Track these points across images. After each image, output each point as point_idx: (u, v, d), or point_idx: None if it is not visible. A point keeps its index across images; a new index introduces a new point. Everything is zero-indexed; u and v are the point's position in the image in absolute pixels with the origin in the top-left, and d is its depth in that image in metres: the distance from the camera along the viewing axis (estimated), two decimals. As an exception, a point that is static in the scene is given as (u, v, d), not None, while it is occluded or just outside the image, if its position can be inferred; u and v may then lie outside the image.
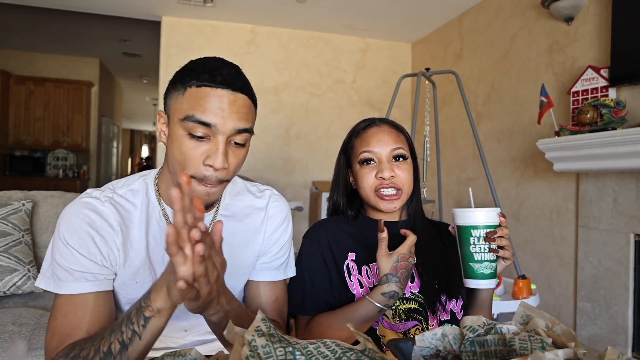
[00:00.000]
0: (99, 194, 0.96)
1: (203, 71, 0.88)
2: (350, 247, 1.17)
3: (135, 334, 0.75)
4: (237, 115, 0.88)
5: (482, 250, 0.98)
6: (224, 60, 0.94)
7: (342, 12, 4.42)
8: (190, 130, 0.86)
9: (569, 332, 0.65)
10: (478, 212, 0.99)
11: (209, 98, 0.86)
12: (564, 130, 2.70)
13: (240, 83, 0.91)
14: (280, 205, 1.13)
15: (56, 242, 0.91)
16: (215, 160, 0.86)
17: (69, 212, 0.94)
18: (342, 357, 0.63)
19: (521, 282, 2.37)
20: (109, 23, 5.29)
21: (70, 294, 0.88)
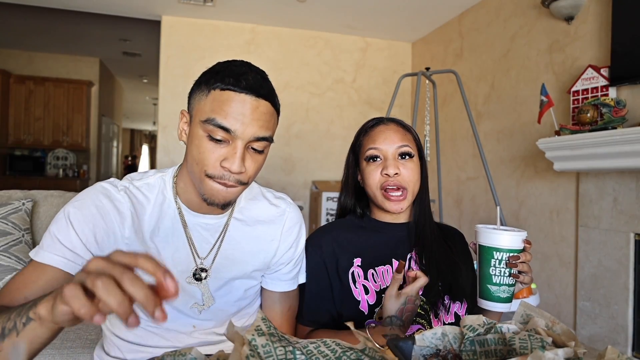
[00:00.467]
0: (117, 182, 0.99)
1: (229, 75, 0.88)
2: (356, 252, 1.16)
3: (14, 328, 0.67)
4: (258, 123, 0.89)
5: (502, 274, 0.95)
6: (250, 65, 0.94)
7: (342, 12, 4.42)
8: (210, 133, 0.87)
9: (569, 331, 0.65)
10: (504, 234, 0.96)
11: (232, 103, 0.87)
12: (564, 129, 2.69)
13: (265, 90, 0.91)
14: (296, 216, 1.13)
15: (59, 215, 0.93)
16: (232, 164, 0.87)
17: (83, 192, 0.96)
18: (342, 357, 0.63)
19: (521, 281, 2.37)
20: (109, 22, 5.29)
21: (43, 262, 0.87)
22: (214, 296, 1.04)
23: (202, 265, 1.02)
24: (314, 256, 1.16)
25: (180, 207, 1.00)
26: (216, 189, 0.90)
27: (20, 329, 0.66)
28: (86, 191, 0.96)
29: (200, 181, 0.91)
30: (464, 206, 4.22)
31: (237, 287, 1.07)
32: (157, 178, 1.02)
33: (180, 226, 1.00)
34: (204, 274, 1.02)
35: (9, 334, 0.67)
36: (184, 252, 1.00)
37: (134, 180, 1.01)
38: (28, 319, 0.65)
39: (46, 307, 0.59)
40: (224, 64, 0.93)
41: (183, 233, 1.00)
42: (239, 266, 1.05)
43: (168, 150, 4.66)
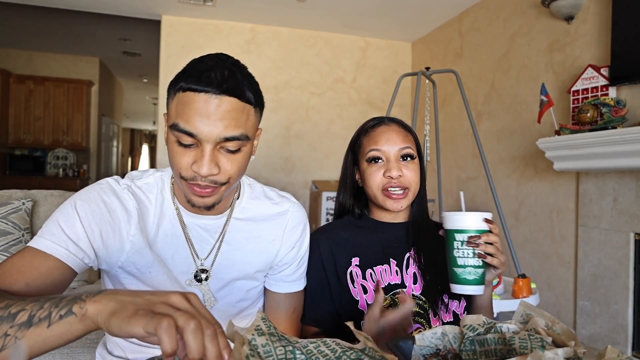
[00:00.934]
0: (120, 180, 0.98)
1: (192, 73, 0.84)
2: (354, 252, 1.16)
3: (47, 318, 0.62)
4: (223, 122, 0.83)
5: (465, 255, 0.96)
6: (222, 57, 0.88)
7: (342, 12, 4.42)
8: (178, 138, 0.84)
9: (569, 331, 0.65)
10: (462, 215, 0.97)
11: (192, 104, 0.82)
12: (564, 129, 2.69)
13: (231, 84, 0.83)
14: (300, 215, 1.11)
15: (65, 205, 0.90)
16: (201, 167, 0.83)
17: (90, 187, 0.95)
18: (342, 356, 0.63)
19: (521, 281, 2.37)
20: (109, 22, 5.28)
21: (44, 251, 0.84)
22: (215, 297, 1.03)
23: (203, 266, 1.01)
24: (312, 257, 1.16)
25: (179, 207, 0.99)
26: (193, 192, 0.88)
27: (55, 321, 0.62)
28: (93, 186, 0.95)
29: (180, 184, 0.90)
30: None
31: (238, 288, 1.06)
32: (157, 178, 1.01)
33: (180, 227, 0.99)
34: (205, 275, 1.01)
35: (39, 323, 0.62)
36: (184, 253, 0.99)
37: (135, 180, 0.99)
38: (69, 312, 0.62)
39: (99, 309, 0.59)
40: (195, 61, 0.88)
41: (182, 234, 0.99)
42: (240, 267, 1.04)
43: (168, 149, 4.66)
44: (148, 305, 0.57)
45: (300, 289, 1.13)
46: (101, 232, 0.90)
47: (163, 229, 0.97)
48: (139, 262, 0.95)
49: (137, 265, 0.95)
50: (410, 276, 1.14)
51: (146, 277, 0.96)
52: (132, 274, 0.96)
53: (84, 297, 0.62)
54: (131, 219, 0.94)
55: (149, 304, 0.57)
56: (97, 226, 0.89)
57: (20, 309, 0.63)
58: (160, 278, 0.97)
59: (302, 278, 1.13)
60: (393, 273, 1.14)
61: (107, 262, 0.93)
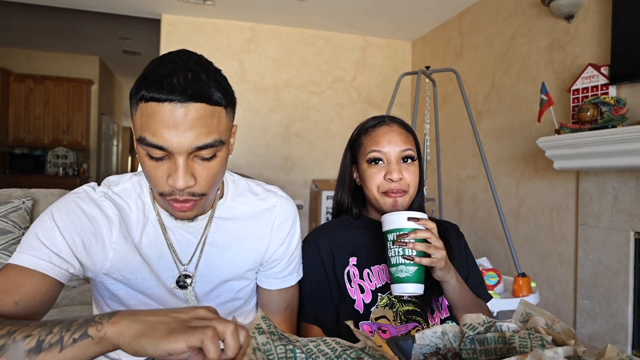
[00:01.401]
0: (97, 187, 0.95)
1: (152, 80, 0.78)
2: (351, 252, 1.16)
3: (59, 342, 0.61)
4: (193, 132, 0.77)
5: (396, 254, 0.96)
6: (183, 57, 0.82)
7: (342, 10, 4.42)
8: (148, 152, 0.80)
9: (569, 330, 0.65)
10: (388, 216, 0.99)
11: (157, 116, 0.76)
12: (564, 128, 2.69)
13: (195, 88, 0.77)
14: (288, 210, 1.07)
15: (42, 218, 0.87)
16: (176, 181, 0.79)
17: (66, 196, 0.91)
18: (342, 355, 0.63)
19: (521, 280, 2.37)
20: (109, 21, 5.28)
21: (26, 267, 0.81)
22: (201, 301, 1.01)
23: (186, 271, 0.98)
24: (312, 255, 1.16)
25: (159, 212, 0.96)
26: (172, 208, 0.85)
27: (68, 345, 0.60)
28: (69, 196, 0.91)
29: (159, 199, 0.88)
30: (464, 205, 4.22)
31: (229, 289, 1.04)
32: (134, 182, 0.97)
33: (161, 232, 0.96)
34: (189, 280, 0.98)
35: (49, 348, 0.60)
36: (167, 257, 0.97)
37: (112, 186, 0.96)
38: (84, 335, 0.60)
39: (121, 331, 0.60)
40: (154, 63, 0.82)
41: (164, 239, 0.96)
42: (229, 268, 1.02)
43: (168, 148, 4.65)
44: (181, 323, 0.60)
45: (292, 284, 1.10)
46: (83, 240, 0.87)
47: (146, 234, 0.95)
48: (124, 269, 0.92)
49: (122, 272, 0.93)
50: None
51: (132, 283, 0.95)
52: (119, 280, 0.94)
53: (99, 320, 0.62)
54: (112, 226, 0.91)
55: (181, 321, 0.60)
56: (78, 235, 0.86)
57: (27, 335, 0.62)
58: (147, 284, 0.96)
59: (294, 273, 1.11)
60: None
61: (91, 270, 0.91)
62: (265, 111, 4.83)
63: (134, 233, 0.94)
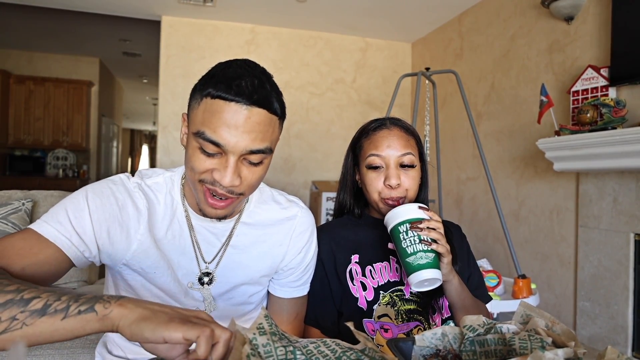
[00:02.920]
0: (129, 177, 0.96)
1: (221, 80, 0.81)
2: (353, 249, 1.16)
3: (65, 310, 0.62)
4: (250, 135, 0.82)
5: (413, 242, 0.97)
6: (250, 65, 0.87)
7: (342, 12, 4.42)
8: (202, 146, 0.82)
9: (569, 331, 0.65)
10: (398, 208, 1.01)
11: (221, 114, 0.80)
12: (563, 129, 2.69)
13: (260, 95, 0.82)
14: (307, 221, 1.10)
15: (76, 195, 0.88)
16: (223, 177, 0.83)
17: (102, 182, 0.93)
18: (342, 357, 0.63)
19: (521, 281, 2.37)
20: (109, 23, 5.28)
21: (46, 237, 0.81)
22: (216, 301, 1.03)
23: (207, 269, 1.00)
24: None
25: (187, 210, 0.98)
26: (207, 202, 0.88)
27: (72, 314, 0.62)
28: (105, 181, 0.93)
29: (194, 188, 0.89)
30: (464, 206, 4.22)
31: (242, 293, 1.05)
32: (166, 178, 0.99)
33: (187, 229, 0.98)
34: (207, 279, 1.00)
35: (54, 313, 0.62)
36: (189, 255, 0.98)
37: (145, 178, 0.98)
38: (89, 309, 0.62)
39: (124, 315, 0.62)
40: (222, 65, 0.86)
41: (189, 236, 0.98)
42: (245, 271, 1.03)
43: (168, 150, 4.66)
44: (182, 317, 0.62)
45: (304, 295, 1.12)
46: (109, 228, 0.88)
47: (172, 230, 0.96)
48: (145, 261, 0.94)
49: (142, 265, 0.94)
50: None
51: (150, 276, 0.96)
52: (137, 272, 0.95)
53: (107, 299, 0.64)
54: (141, 218, 0.93)
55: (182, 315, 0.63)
56: (105, 222, 0.88)
57: (35, 296, 0.63)
58: (164, 279, 0.97)
59: (307, 284, 1.12)
60: (393, 270, 1.14)
61: (111, 258, 0.92)
62: (265, 113, 4.82)
63: (158, 227, 0.95)
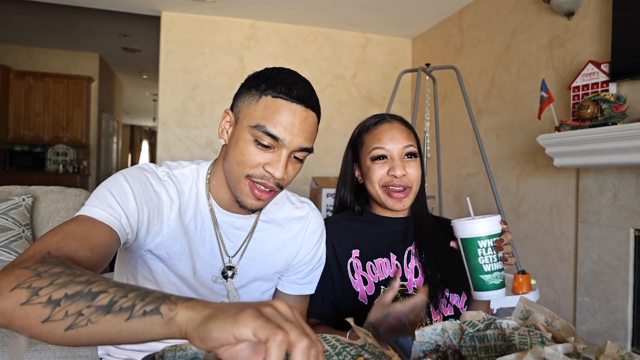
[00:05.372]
0: (157, 167, 0.99)
1: (280, 82, 0.90)
2: (354, 244, 1.17)
3: (130, 309, 0.56)
4: (304, 134, 0.92)
5: (492, 261, 0.95)
6: (299, 74, 0.98)
7: (342, 7, 4.41)
8: (258, 138, 0.89)
9: (569, 327, 0.65)
10: (483, 222, 0.96)
11: (283, 112, 0.89)
12: (564, 125, 2.69)
13: (314, 101, 0.95)
14: (318, 221, 1.15)
15: (116, 180, 0.89)
16: (276, 170, 0.90)
17: (132, 169, 0.95)
18: (342, 352, 0.63)
19: (521, 277, 2.37)
20: (109, 18, 5.27)
21: (100, 220, 0.82)
22: (239, 293, 1.05)
23: (230, 263, 1.03)
24: None
25: (212, 203, 1.01)
26: (253, 194, 0.92)
27: (137, 315, 0.55)
28: (137, 169, 0.95)
29: (238, 181, 0.93)
30: (464, 202, 4.22)
31: (255, 289, 1.08)
32: (192, 170, 1.02)
33: (211, 223, 1.01)
34: (231, 272, 1.03)
35: (119, 312, 0.56)
36: (211, 248, 1.01)
37: (172, 169, 1.01)
38: (155, 311, 0.55)
39: (188, 315, 0.53)
40: (273, 70, 0.95)
41: (213, 230, 1.01)
42: (262, 267, 1.06)
43: (168, 146, 4.65)
44: (254, 308, 0.51)
45: (309, 293, 1.15)
46: (149, 211, 0.91)
47: (196, 221, 0.99)
48: (171, 247, 0.96)
49: (169, 251, 0.96)
50: (412, 270, 1.15)
51: (174, 263, 0.98)
52: (161, 257, 0.97)
53: (174, 299, 0.56)
54: (173, 205, 0.96)
55: (254, 307, 0.51)
56: (146, 205, 0.90)
57: (103, 290, 0.58)
58: (184, 268, 0.99)
59: (313, 283, 1.15)
60: (393, 266, 1.15)
61: (141, 241, 0.93)
62: (265, 108, 4.82)
63: (185, 216, 0.98)
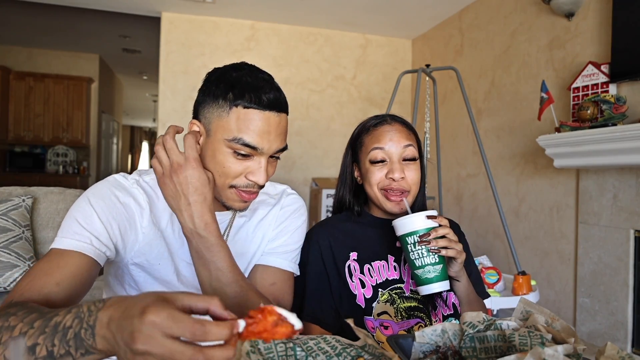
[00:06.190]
0: (127, 176, 1.00)
1: (248, 90, 0.90)
2: (352, 246, 1.16)
3: (68, 356, 0.58)
4: (280, 137, 0.94)
5: (421, 256, 0.98)
6: (258, 71, 0.96)
7: (342, 8, 4.41)
8: (236, 149, 0.90)
9: (569, 327, 0.65)
10: (407, 218, 1.00)
11: (257, 122, 0.90)
12: (564, 126, 2.69)
13: (283, 102, 0.95)
14: (294, 198, 1.16)
15: (80, 203, 0.91)
16: (259, 178, 0.92)
17: (99, 184, 0.96)
18: (342, 353, 0.63)
19: (521, 278, 2.38)
20: (109, 19, 5.27)
21: (68, 249, 0.84)
22: None
23: None
24: (312, 251, 1.16)
25: None
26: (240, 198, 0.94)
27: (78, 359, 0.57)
28: (102, 183, 0.96)
29: (222, 190, 0.95)
30: (464, 203, 4.22)
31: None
32: None
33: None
34: None
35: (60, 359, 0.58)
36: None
37: (143, 175, 1.02)
38: (87, 353, 0.56)
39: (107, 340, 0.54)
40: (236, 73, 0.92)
41: None
42: (244, 258, 1.07)
43: (168, 147, 4.65)
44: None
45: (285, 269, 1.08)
46: (119, 226, 0.92)
47: (173, 224, 1.00)
48: (150, 253, 0.97)
49: (148, 257, 0.97)
50: (409, 273, 1.14)
51: (155, 268, 0.99)
52: (142, 265, 0.98)
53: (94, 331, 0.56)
54: (143, 212, 0.96)
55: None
56: (114, 220, 0.91)
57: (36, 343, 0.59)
58: (167, 271, 1.00)
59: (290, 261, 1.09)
60: (391, 269, 1.14)
61: (121, 255, 0.95)
62: (265, 109, 4.82)
63: (160, 220, 0.99)
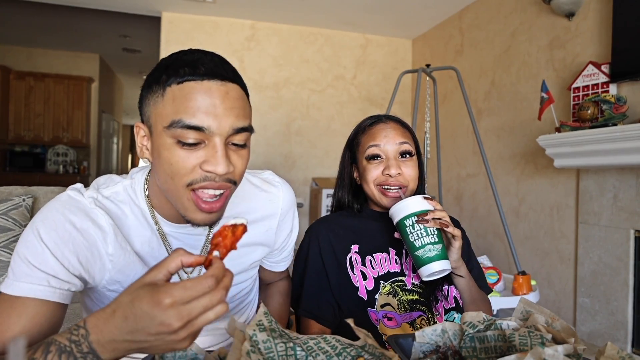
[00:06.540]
0: (84, 191, 0.85)
1: (181, 65, 0.74)
2: (353, 239, 1.18)
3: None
4: (233, 111, 0.74)
5: (420, 236, 0.99)
6: (202, 50, 0.79)
7: (342, 8, 4.41)
8: (180, 138, 0.72)
9: (569, 327, 0.65)
10: (403, 201, 1.02)
11: (196, 94, 0.72)
12: (564, 126, 2.69)
13: (229, 71, 0.76)
14: (289, 198, 1.07)
15: (27, 237, 0.77)
16: (217, 165, 0.73)
17: (51, 208, 0.81)
18: (342, 353, 0.63)
19: (521, 278, 2.37)
20: (109, 18, 5.27)
21: (21, 296, 0.73)
22: None
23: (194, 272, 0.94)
24: (311, 246, 1.17)
25: (157, 218, 0.88)
26: (199, 208, 0.76)
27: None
28: (54, 205, 0.81)
29: (179, 197, 0.77)
30: (464, 203, 4.22)
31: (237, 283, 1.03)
32: (126, 186, 0.89)
33: (161, 241, 0.89)
34: None
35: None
36: None
37: (101, 189, 0.87)
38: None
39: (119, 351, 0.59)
40: (172, 56, 0.78)
41: (164, 247, 0.89)
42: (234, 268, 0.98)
43: (168, 146, 4.65)
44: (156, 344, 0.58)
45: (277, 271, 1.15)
46: (78, 257, 0.79)
47: (147, 241, 0.88)
48: (125, 281, 0.86)
49: (124, 283, 0.86)
50: (410, 265, 1.15)
51: None
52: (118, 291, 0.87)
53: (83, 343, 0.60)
54: (107, 237, 0.82)
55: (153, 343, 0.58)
56: (71, 253, 0.78)
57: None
58: None
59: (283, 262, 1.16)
60: (392, 261, 1.15)
61: (92, 284, 0.85)
62: (265, 109, 4.82)
63: (133, 240, 0.86)
